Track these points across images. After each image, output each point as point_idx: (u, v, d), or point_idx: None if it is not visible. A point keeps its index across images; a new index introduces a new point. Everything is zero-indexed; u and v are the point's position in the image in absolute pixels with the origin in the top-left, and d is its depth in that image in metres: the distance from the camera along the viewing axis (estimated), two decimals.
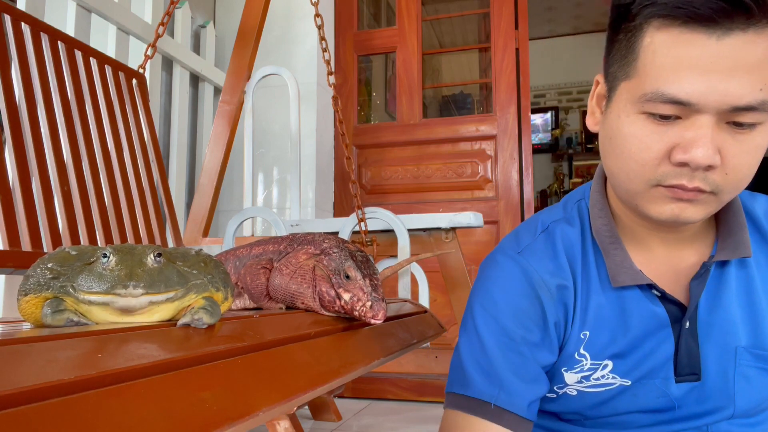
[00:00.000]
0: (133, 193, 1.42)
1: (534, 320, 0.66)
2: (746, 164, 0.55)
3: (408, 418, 2.06)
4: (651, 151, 0.56)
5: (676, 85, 0.53)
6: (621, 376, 0.66)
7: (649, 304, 0.65)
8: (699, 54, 0.51)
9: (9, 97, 1.12)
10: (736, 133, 0.54)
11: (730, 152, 0.54)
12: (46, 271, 0.43)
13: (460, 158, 2.57)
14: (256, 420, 0.41)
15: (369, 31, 2.83)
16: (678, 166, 0.55)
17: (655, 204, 0.58)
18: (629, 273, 0.64)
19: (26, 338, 0.33)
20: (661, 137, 0.55)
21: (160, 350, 0.37)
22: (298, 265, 0.68)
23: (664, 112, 0.54)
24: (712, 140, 0.53)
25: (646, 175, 0.57)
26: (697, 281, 0.64)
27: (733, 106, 0.52)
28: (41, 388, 0.29)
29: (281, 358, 0.50)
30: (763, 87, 0.51)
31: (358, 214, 1.53)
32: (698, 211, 0.57)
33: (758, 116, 0.53)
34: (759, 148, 0.55)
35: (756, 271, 0.66)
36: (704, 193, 0.56)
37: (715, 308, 0.65)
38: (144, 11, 2.02)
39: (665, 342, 0.65)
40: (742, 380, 0.65)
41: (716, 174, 0.55)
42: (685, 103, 0.53)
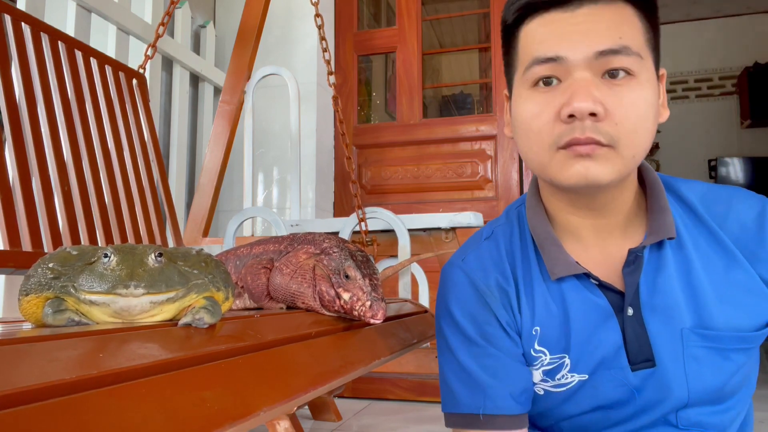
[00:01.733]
0: (134, 192, 1.43)
1: (490, 322, 0.70)
2: (633, 115, 0.59)
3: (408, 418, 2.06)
4: (543, 116, 0.61)
5: (545, 46, 0.61)
6: (578, 372, 0.68)
7: (589, 295, 0.67)
8: (559, 23, 0.61)
9: (9, 97, 1.12)
10: (613, 85, 0.59)
11: (613, 103, 0.59)
12: (47, 270, 0.43)
13: (460, 158, 2.57)
14: (256, 420, 0.41)
15: (369, 31, 2.83)
16: (568, 122, 0.59)
17: (561, 169, 0.61)
18: (564, 264, 0.67)
19: (27, 338, 0.33)
20: (549, 102, 0.61)
21: (161, 350, 0.37)
22: (298, 264, 0.68)
23: (543, 73, 0.61)
24: (589, 89, 0.58)
25: (545, 140, 0.61)
26: (629, 268, 0.66)
27: (597, 51, 0.59)
28: (42, 387, 0.29)
29: (282, 357, 0.50)
30: (622, 36, 0.59)
31: (358, 214, 1.53)
32: (603, 168, 0.60)
33: (624, 60, 0.59)
34: (640, 101, 0.59)
35: (694, 252, 0.66)
36: (602, 146, 0.59)
37: (655, 293, 0.66)
38: (144, 11, 2.02)
39: (612, 331, 0.66)
40: (692, 361, 0.65)
41: (606, 125, 0.59)
42: (556, 58, 0.60)
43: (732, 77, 5.15)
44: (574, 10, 0.60)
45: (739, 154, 4.93)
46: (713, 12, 5.11)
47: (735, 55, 5.11)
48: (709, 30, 5.19)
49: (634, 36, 0.60)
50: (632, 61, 0.59)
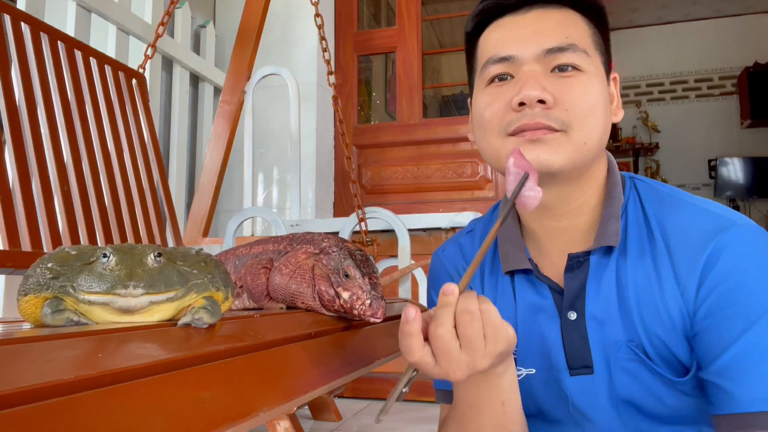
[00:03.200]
0: (133, 193, 1.42)
1: None
2: (582, 102, 0.62)
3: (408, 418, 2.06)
4: (495, 106, 0.65)
5: (498, 47, 0.66)
6: (525, 366, 0.70)
7: (535, 293, 0.69)
8: (511, 26, 0.67)
9: (9, 97, 1.12)
10: (561, 78, 0.63)
11: (562, 92, 0.62)
12: (46, 271, 0.43)
13: (460, 158, 2.57)
14: (256, 420, 0.41)
15: (369, 31, 2.83)
16: (518, 110, 0.63)
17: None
18: (513, 260, 0.70)
19: (26, 338, 0.33)
20: (502, 94, 0.65)
21: (160, 350, 0.37)
22: (297, 264, 0.68)
23: (496, 71, 0.66)
24: (537, 79, 0.62)
25: (497, 128, 0.65)
26: (570, 273, 0.67)
27: (545, 49, 0.63)
28: (41, 387, 0.29)
29: (281, 358, 0.50)
30: (569, 35, 0.64)
31: (358, 214, 1.53)
32: (554, 152, 0.62)
33: (571, 57, 0.63)
34: (589, 90, 0.63)
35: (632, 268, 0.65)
36: (553, 131, 0.62)
37: (597, 301, 0.65)
38: (144, 11, 2.02)
39: (553, 331, 0.67)
40: (621, 372, 0.64)
41: (556, 111, 0.62)
42: (508, 57, 0.65)
43: (732, 77, 5.15)
44: (524, 14, 0.66)
45: (738, 154, 4.93)
46: (713, 12, 5.11)
47: (735, 55, 5.11)
48: (709, 30, 5.19)
49: (580, 36, 0.64)
50: (579, 58, 0.63)
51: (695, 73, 5.26)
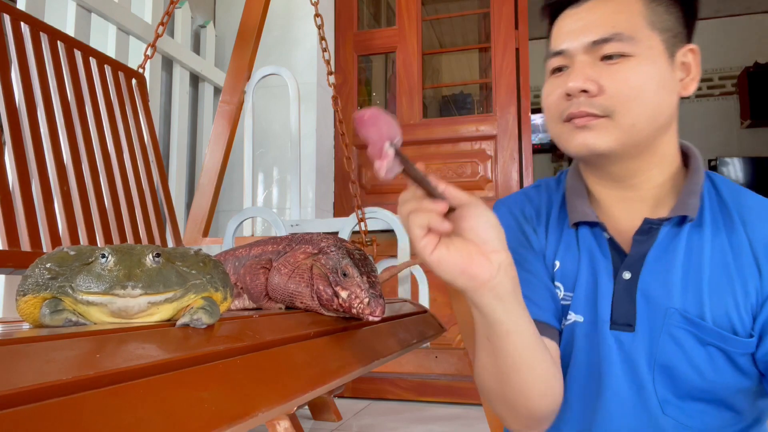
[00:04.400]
0: (133, 193, 1.42)
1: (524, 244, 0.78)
2: (626, 88, 0.67)
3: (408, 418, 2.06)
4: (553, 96, 0.72)
5: (556, 42, 0.72)
6: (576, 312, 0.73)
7: (597, 249, 0.73)
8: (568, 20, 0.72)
9: (8, 97, 1.12)
10: (608, 66, 0.68)
11: (607, 79, 0.67)
12: (45, 271, 0.43)
13: (460, 158, 2.57)
14: (255, 420, 0.41)
15: (369, 31, 2.83)
16: (568, 100, 0.69)
17: (568, 140, 0.71)
18: (581, 213, 0.74)
19: (25, 338, 0.33)
20: (558, 84, 0.71)
21: (158, 350, 0.37)
22: (296, 264, 0.68)
23: (555, 65, 0.73)
24: (583, 71, 0.68)
25: (554, 115, 0.72)
26: (640, 237, 0.71)
27: (591, 41, 0.68)
28: (40, 388, 0.29)
29: (281, 358, 0.50)
30: (615, 25, 0.68)
31: (358, 214, 1.53)
32: (600, 137, 0.68)
33: (617, 46, 0.67)
34: (635, 74, 0.67)
35: (709, 241, 0.69)
36: (597, 117, 0.68)
37: (658, 267, 0.69)
38: (144, 11, 2.02)
39: (606, 287, 0.71)
40: (668, 338, 0.67)
41: (600, 99, 0.67)
42: (562, 51, 0.71)
43: (732, 77, 5.15)
44: (579, 6, 0.71)
45: (739, 154, 4.93)
46: (713, 12, 5.11)
47: (735, 55, 5.10)
48: (709, 30, 5.18)
49: (630, 21, 0.68)
50: (625, 46, 0.67)
51: None
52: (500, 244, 0.55)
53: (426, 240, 0.53)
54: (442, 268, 0.53)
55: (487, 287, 0.55)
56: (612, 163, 0.72)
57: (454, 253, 0.53)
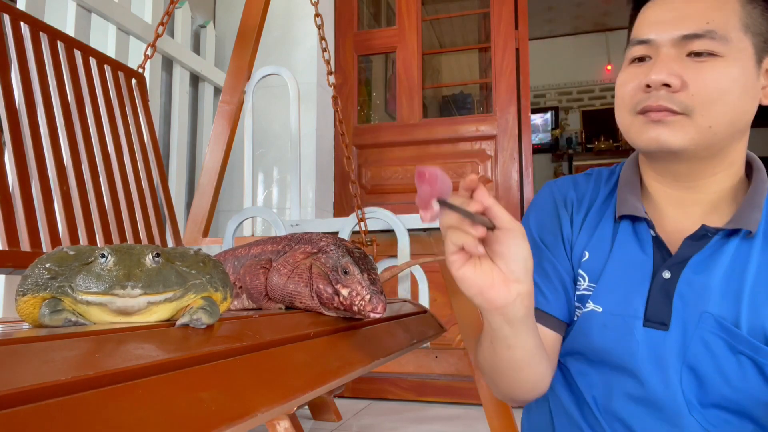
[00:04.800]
0: (133, 193, 1.42)
1: (555, 233, 0.78)
2: (710, 88, 0.64)
3: (408, 418, 2.06)
4: (629, 85, 0.69)
5: (642, 30, 0.69)
6: (594, 302, 0.73)
7: (637, 244, 0.72)
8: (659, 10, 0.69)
9: (8, 97, 1.12)
10: (695, 62, 0.65)
11: (692, 76, 0.65)
12: (44, 271, 0.43)
13: (460, 158, 2.57)
14: (255, 420, 0.41)
15: (369, 31, 2.83)
16: (647, 92, 0.67)
17: (639, 133, 0.69)
18: (632, 206, 0.73)
19: (24, 338, 0.33)
20: (637, 74, 0.69)
21: (158, 350, 0.37)
22: (295, 264, 0.68)
23: (636, 54, 0.70)
24: (668, 65, 0.65)
25: (627, 105, 0.70)
26: (692, 240, 0.69)
27: (682, 35, 0.66)
28: (39, 388, 0.29)
29: (281, 358, 0.50)
30: (709, 22, 0.65)
31: (358, 214, 1.53)
32: (674, 134, 0.66)
33: (709, 44, 0.65)
34: (721, 76, 0.64)
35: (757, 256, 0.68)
36: (675, 114, 0.65)
37: (700, 270, 0.68)
38: (144, 11, 2.02)
39: (641, 284, 0.71)
40: (699, 342, 0.66)
41: (681, 95, 0.65)
42: (647, 40, 0.68)
43: None
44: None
45: None
46: None
47: None
48: None
49: (725, 20, 0.65)
50: (716, 44, 0.64)
51: None
52: (524, 275, 0.56)
53: (456, 256, 0.56)
54: (464, 284, 0.57)
55: (500, 312, 0.58)
56: (679, 162, 0.70)
57: (479, 275, 0.56)
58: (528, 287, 0.58)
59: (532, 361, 0.67)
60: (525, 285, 0.57)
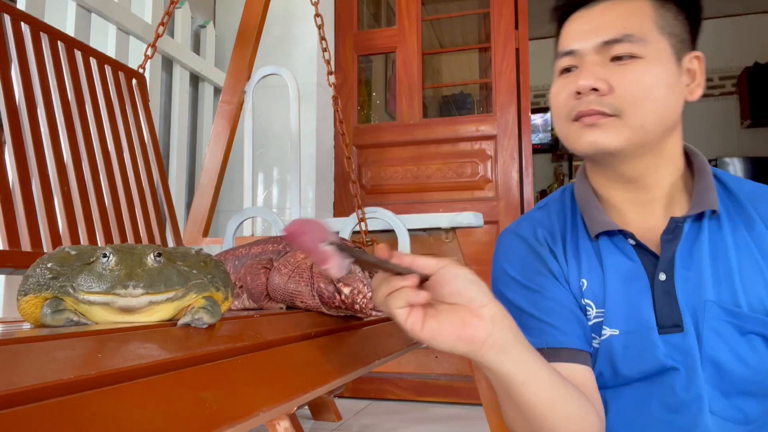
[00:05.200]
0: (133, 193, 1.42)
1: (542, 272, 0.77)
2: (636, 88, 0.68)
3: (408, 418, 2.06)
4: (561, 95, 0.73)
5: (566, 42, 0.74)
6: (610, 327, 0.72)
7: (623, 256, 0.73)
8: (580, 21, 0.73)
9: (9, 97, 1.12)
10: (618, 66, 0.69)
11: (617, 80, 0.68)
12: (46, 271, 0.43)
13: (460, 158, 2.57)
14: (256, 420, 0.41)
15: (369, 31, 2.83)
16: (578, 98, 0.70)
17: (576, 139, 0.71)
18: (602, 223, 0.74)
19: (26, 338, 0.33)
20: (566, 84, 0.72)
21: (160, 350, 0.37)
22: (296, 264, 0.68)
23: (564, 65, 0.74)
24: (593, 70, 0.69)
25: (562, 114, 0.73)
26: (668, 236, 0.71)
27: (603, 41, 0.69)
28: (41, 387, 0.29)
29: (281, 358, 0.50)
30: (626, 27, 0.69)
31: (358, 214, 1.53)
32: (610, 136, 0.69)
33: (628, 47, 0.68)
34: (644, 76, 0.68)
35: (730, 234, 0.71)
36: (606, 116, 0.68)
37: (689, 264, 0.71)
38: (144, 11, 2.02)
39: (642, 293, 0.71)
40: (711, 332, 0.68)
41: (610, 98, 0.68)
42: (572, 51, 0.72)
43: (732, 77, 5.15)
44: (592, 8, 0.73)
45: (739, 154, 4.93)
46: (713, 12, 5.10)
47: (735, 55, 5.11)
48: (709, 30, 5.17)
49: (641, 24, 0.69)
50: (636, 47, 0.68)
51: None
52: (486, 298, 0.53)
53: (412, 318, 0.52)
54: (437, 340, 0.52)
55: (488, 345, 0.53)
56: (621, 163, 0.73)
57: (445, 322, 0.52)
58: (497, 306, 0.54)
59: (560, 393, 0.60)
60: (493, 305, 0.54)
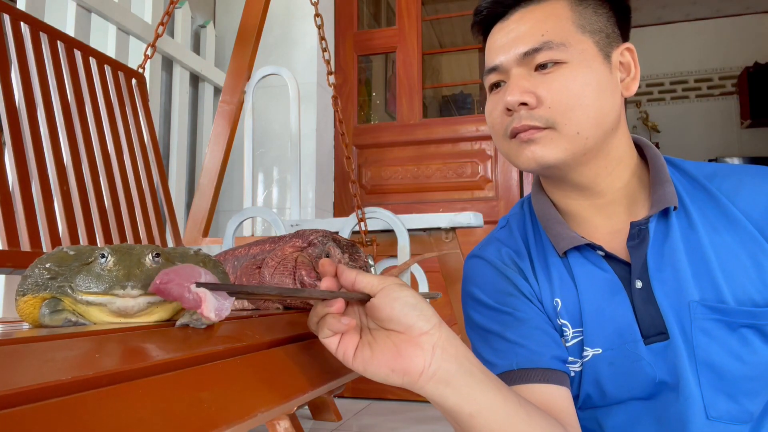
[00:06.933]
0: (133, 193, 1.42)
1: (512, 293, 0.74)
2: (564, 97, 0.65)
3: (408, 418, 2.06)
4: (495, 113, 0.71)
5: (489, 58, 0.71)
6: (592, 346, 0.69)
7: (595, 269, 0.70)
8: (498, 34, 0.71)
9: (8, 97, 1.12)
10: (543, 75, 0.66)
11: (544, 90, 0.66)
12: (44, 271, 0.43)
13: (460, 158, 2.57)
14: (255, 420, 0.41)
15: (369, 31, 2.83)
16: (509, 115, 0.68)
17: (516, 156, 0.69)
18: (568, 239, 0.71)
19: (24, 338, 0.33)
20: (498, 101, 0.70)
21: (158, 350, 0.37)
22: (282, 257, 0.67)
23: (492, 81, 0.71)
24: (519, 84, 0.66)
25: (499, 132, 0.71)
26: (633, 242, 0.69)
27: (522, 52, 0.67)
28: (39, 388, 0.29)
29: (281, 358, 0.50)
30: (544, 33, 0.66)
31: (358, 214, 1.52)
32: (549, 149, 0.66)
33: (549, 54, 0.66)
34: (570, 81, 0.65)
35: (700, 223, 0.68)
36: (540, 130, 0.66)
37: (663, 265, 0.67)
38: (144, 11, 2.02)
39: (621, 305, 0.68)
40: (701, 334, 0.65)
41: (540, 111, 0.66)
42: (496, 66, 0.70)
43: (732, 77, 5.15)
44: (507, 19, 0.70)
45: (739, 154, 4.92)
46: (713, 12, 5.10)
47: (735, 55, 5.10)
48: (709, 30, 5.18)
49: (559, 27, 0.67)
50: (556, 53, 0.66)
51: (695, 73, 5.26)
52: (427, 324, 0.48)
53: (342, 347, 0.48)
54: (369, 372, 0.48)
55: (425, 377, 0.48)
56: (567, 172, 0.70)
57: (378, 352, 0.47)
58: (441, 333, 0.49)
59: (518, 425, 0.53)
60: (436, 332, 0.48)
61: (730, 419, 0.64)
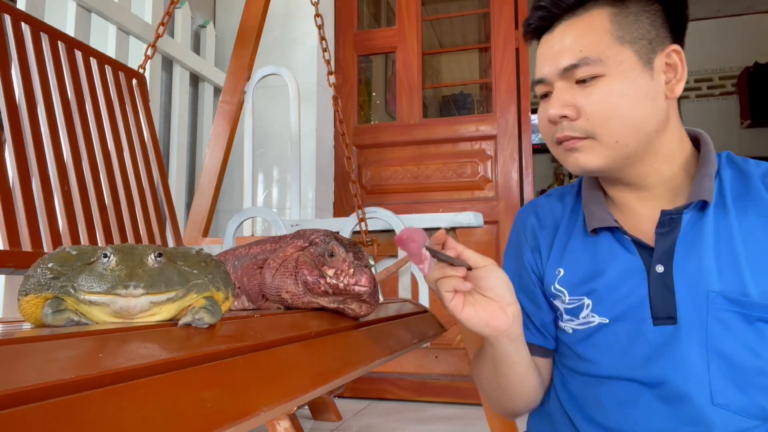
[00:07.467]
0: (133, 193, 1.42)
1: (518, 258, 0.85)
2: (602, 109, 0.69)
3: (408, 418, 2.06)
4: (543, 121, 0.76)
5: (536, 70, 0.76)
6: (599, 314, 0.75)
7: (622, 249, 0.75)
8: (543, 47, 0.75)
9: (9, 97, 1.12)
10: (583, 88, 0.70)
11: (584, 103, 0.70)
12: (47, 271, 0.43)
13: (460, 158, 2.57)
14: (256, 420, 0.41)
15: (369, 31, 2.83)
16: (553, 124, 0.73)
17: (564, 161, 0.74)
18: (600, 219, 0.76)
19: (26, 338, 0.33)
20: (545, 110, 0.75)
21: (160, 350, 0.37)
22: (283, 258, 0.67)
23: (538, 92, 0.76)
24: (560, 98, 0.71)
25: (548, 137, 0.76)
26: (662, 229, 0.72)
27: (563, 68, 0.71)
28: (41, 387, 0.29)
29: (282, 357, 0.50)
30: (582, 49, 0.70)
31: (358, 214, 1.53)
32: (590, 156, 0.71)
33: (587, 70, 0.69)
34: (606, 95, 0.69)
35: (736, 220, 0.70)
36: (581, 139, 0.71)
37: (689, 255, 0.70)
38: (144, 11, 2.02)
39: (639, 285, 0.72)
40: (716, 322, 0.67)
41: (580, 122, 0.70)
42: (541, 79, 0.74)
43: (732, 77, 5.15)
44: (551, 32, 0.74)
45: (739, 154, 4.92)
46: (713, 12, 5.11)
47: (735, 55, 5.11)
48: (709, 30, 5.18)
49: (598, 42, 0.70)
50: (594, 68, 0.69)
51: (695, 73, 5.26)
52: (512, 298, 0.66)
53: (455, 301, 0.63)
54: (471, 323, 0.65)
55: (505, 334, 0.67)
56: (613, 173, 0.74)
57: (479, 311, 0.64)
58: (517, 307, 0.67)
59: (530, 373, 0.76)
60: (515, 306, 0.66)
61: (737, 410, 0.66)
